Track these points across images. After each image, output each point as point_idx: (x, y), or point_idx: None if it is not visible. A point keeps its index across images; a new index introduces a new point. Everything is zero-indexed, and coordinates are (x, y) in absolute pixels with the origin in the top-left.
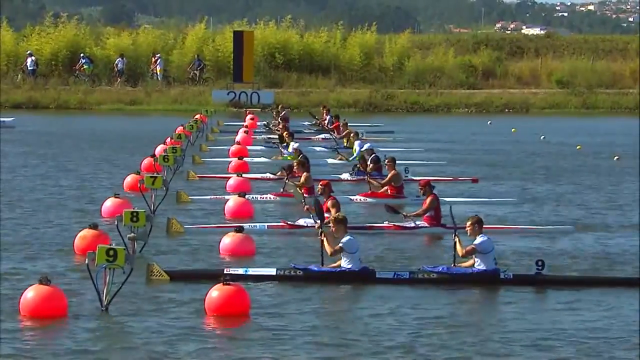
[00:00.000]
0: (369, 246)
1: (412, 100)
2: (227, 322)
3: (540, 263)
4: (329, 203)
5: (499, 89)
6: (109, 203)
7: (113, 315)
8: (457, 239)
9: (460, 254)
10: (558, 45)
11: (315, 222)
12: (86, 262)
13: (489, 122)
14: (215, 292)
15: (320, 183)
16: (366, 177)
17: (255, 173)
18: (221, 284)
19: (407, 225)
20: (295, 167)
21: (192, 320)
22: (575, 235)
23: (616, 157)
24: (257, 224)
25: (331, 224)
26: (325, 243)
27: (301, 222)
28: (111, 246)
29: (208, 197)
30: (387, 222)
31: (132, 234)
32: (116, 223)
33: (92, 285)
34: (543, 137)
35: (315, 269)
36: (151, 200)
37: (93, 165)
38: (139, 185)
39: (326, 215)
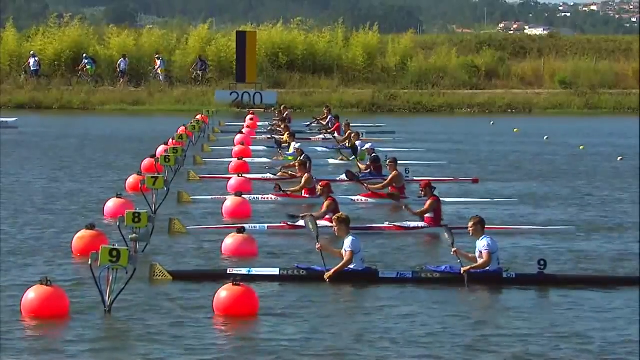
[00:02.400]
0: (370, 246)
1: (415, 101)
2: (235, 322)
3: (542, 262)
4: (326, 204)
5: (501, 89)
6: (111, 203)
7: (116, 315)
8: (460, 255)
9: (481, 264)
10: (561, 45)
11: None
12: (89, 262)
13: (491, 123)
14: (224, 292)
15: (320, 183)
16: (365, 185)
17: (256, 173)
18: (230, 284)
19: (408, 226)
20: (297, 168)
21: (195, 321)
22: (576, 235)
23: (620, 158)
24: (257, 225)
25: (334, 224)
26: (338, 268)
27: (301, 222)
28: (114, 246)
29: (209, 197)
30: (387, 222)
31: (134, 235)
32: (118, 224)
33: (95, 285)
34: (546, 137)
35: (319, 268)
36: (152, 201)
37: (96, 165)
38: (139, 186)
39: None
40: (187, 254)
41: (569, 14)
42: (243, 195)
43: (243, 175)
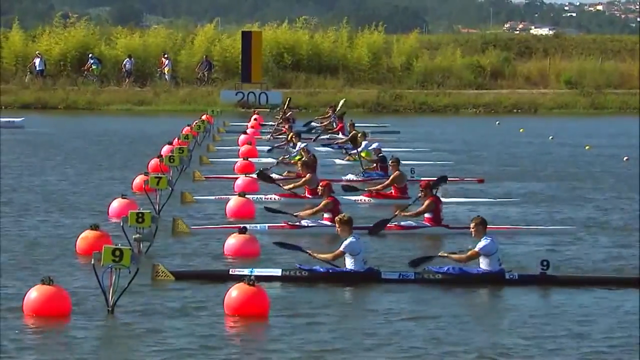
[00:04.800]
0: (370, 246)
1: (421, 101)
2: (243, 323)
3: (545, 263)
4: (324, 202)
5: (507, 89)
6: (115, 204)
7: (119, 315)
8: (447, 256)
9: (463, 262)
10: (566, 45)
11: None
12: (92, 262)
13: (497, 123)
14: (235, 292)
15: (321, 184)
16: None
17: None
18: (244, 283)
19: (408, 225)
20: (299, 167)
21: (196, 321)
22: (579, 236)
23: (625, 158)
24: (258, 225)
25: (336, 225)
26: (321, 256)
27: (302, 222)
28: (117, 246)
29: (213, 197)
30: None
31: (138, 235)
32: (122, 224)
33: (98, 285)
34: (552, 137)
35: (321, 269)
36: (156, 201)
37: (101, 165)
38: (143, 186)
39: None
40: (191, 254)
41: (574, 14)
42: (247, 196)
43: (249, 175)
